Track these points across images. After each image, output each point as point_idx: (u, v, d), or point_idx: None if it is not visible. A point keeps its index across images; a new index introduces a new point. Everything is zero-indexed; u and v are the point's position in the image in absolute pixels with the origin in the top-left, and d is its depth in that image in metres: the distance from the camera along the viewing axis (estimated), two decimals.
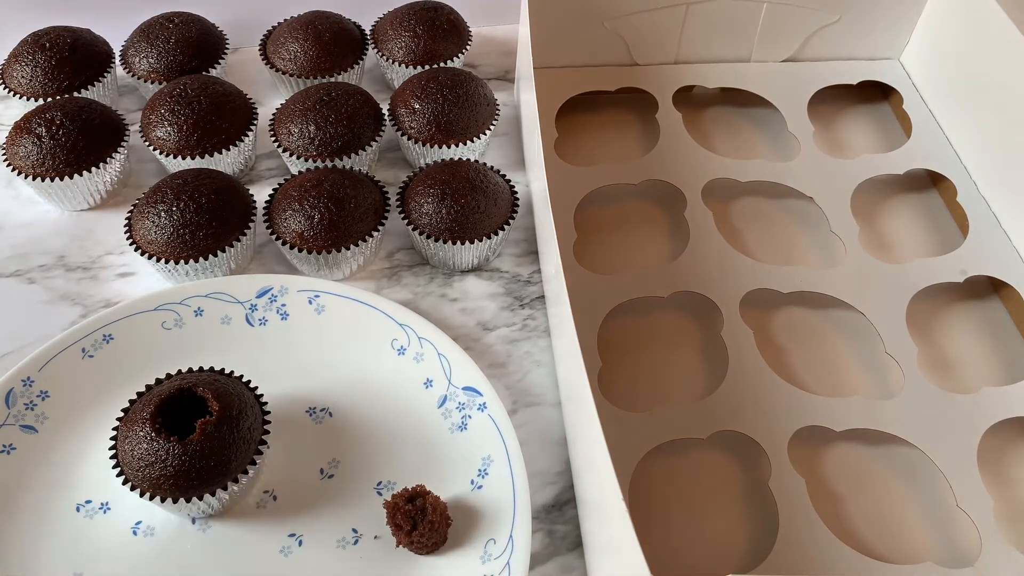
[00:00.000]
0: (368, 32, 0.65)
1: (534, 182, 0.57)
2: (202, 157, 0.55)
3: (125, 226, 0.52)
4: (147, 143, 0.56)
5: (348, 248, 0.51)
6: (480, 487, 0.43)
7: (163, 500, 0.40)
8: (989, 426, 0.45)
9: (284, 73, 0.62)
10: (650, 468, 0.44)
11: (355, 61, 0.63)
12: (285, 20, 0.64)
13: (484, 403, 0.46)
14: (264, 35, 0.65)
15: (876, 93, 0.67)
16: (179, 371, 0.44)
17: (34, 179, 0.54)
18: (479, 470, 0.44)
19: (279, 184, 0.54)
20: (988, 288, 0.54)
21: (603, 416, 0.36)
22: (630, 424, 0.45)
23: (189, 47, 0.61)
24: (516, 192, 0.55)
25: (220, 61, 0.63)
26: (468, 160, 0.55)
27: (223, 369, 0.44)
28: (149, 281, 0.53)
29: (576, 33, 0.62)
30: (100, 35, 0.63)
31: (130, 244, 0.51)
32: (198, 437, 0.39)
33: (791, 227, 0.57)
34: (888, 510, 0.44)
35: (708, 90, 0.65)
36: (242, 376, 0.44)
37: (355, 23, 0.65)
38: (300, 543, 0.42)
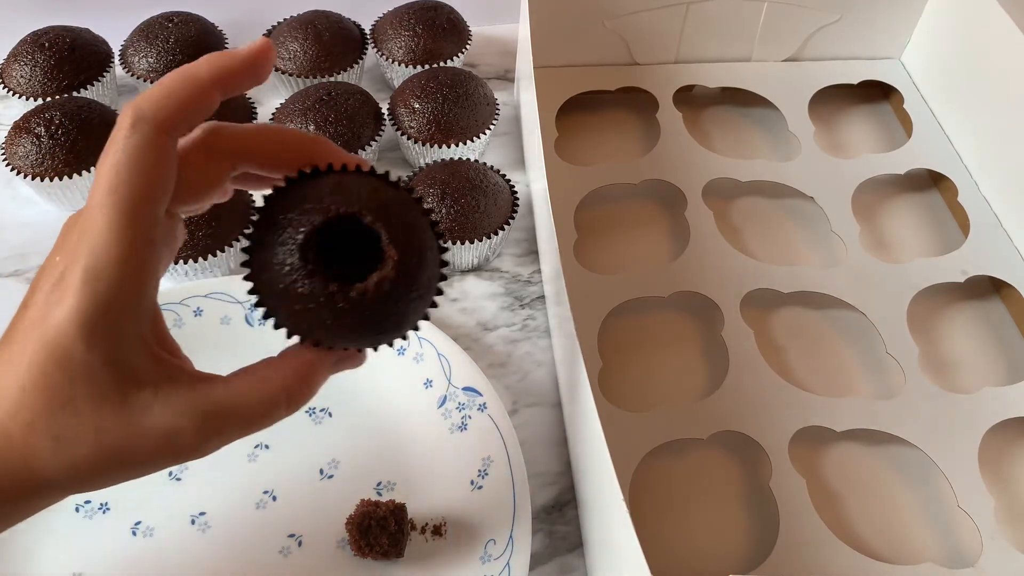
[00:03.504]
0: (368, 31, 0.65)
1: (534, 182, 0.57)
2: None
3: None
4: None
5: None
6: (480, 487, 0.43)
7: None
8: (990, 426, 0.45)
9: (284, 73, 0.62)
10: (650, 468, 0.44)
11: (355, 61, 0.63)
12: (285, 20, 0.64)
13: (484, 403, 0.45)
14: (264, 35, 0.65)
15: (877, 93, 0.67)
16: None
17: (33, 179, 0.54)
18: (479, 470, 0.44)
19: None
20: (989, 288, 0.54)
21: (603, 416, 0.36)
22: (630, 424, 0.45)
23: (189, 47, 0.61)
24: (516, 192, 0.55)
25: None
26: (468, 160, 0.55)
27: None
28: None
29: (576, 33, 0.62)
30: (100, 35, 0.63)
31: None
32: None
33: (791, 227, 0.57)
34: (888, 510, 0.44)
35: (708, 90, 0.65)
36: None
37: (355, 22, 0.65)
38: (300, 543, 0.42)
